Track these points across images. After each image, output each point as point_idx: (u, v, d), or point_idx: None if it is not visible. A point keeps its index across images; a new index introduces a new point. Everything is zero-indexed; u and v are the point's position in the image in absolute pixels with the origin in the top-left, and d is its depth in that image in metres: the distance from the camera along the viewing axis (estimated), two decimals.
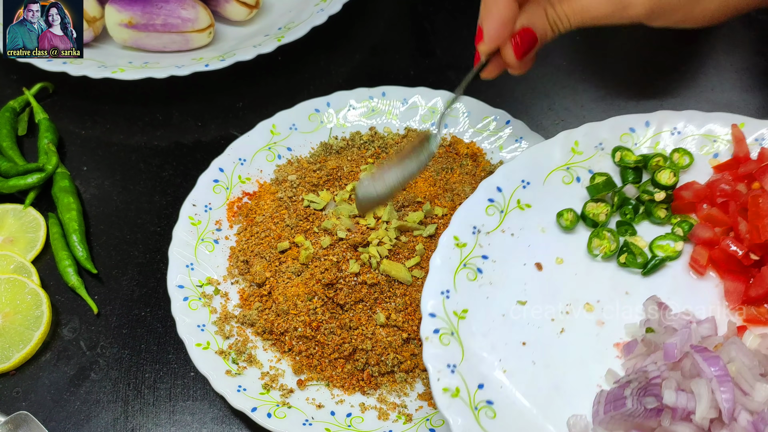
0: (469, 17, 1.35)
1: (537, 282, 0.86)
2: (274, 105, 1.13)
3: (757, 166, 0.87)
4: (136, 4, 1.21)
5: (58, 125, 1.19)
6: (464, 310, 0.82)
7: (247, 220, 1.03)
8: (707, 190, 0.89)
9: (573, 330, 0.83)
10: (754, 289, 0.82)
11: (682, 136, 0.94)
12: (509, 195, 0.90)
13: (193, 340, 0.90)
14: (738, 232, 0.84)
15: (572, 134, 0.94)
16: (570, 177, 0.92)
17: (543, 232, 0.89)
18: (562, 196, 0.91)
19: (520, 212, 0.90)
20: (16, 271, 1.02)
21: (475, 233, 0.87)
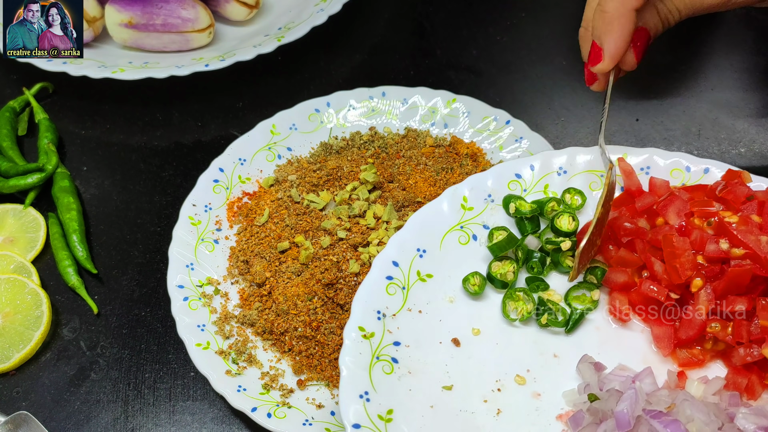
0: (468, 17, 1.35)
1: (458, 361, 0.80)
2: (274, 105, 1.13)
3: (655, 200, 0.84)
4: (136, 4, 1.21)
5: (58, 125, 1.19)
6: (389, 411, 0.74)
7: (247, 220, 1.03)
8: (609, 230, 0.85)
9: (510, 409, 0.77)
10: (683, 331, 0.78)
11: (568, 175, 0.89)
12: (407, 268, 0.83)
13: (193, 340, 0.90)
14: (654, 273, 0.80)
15: (458, 190, 0.87)
16: (466, 236, 0.87)
17: (451, 302, 0.83)
18: (463, 259, 0.85)
19: (422, 284, 0.83)
20: (16, 271, 1.02)
21: (380, 318, 0.79)
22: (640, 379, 0.76)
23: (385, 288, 0.80)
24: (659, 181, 0.86)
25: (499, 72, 1.27)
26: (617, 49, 0.82)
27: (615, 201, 0.86)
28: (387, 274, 0.81)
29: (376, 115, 1.13)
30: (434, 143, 1.09)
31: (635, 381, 0.76)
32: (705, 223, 0.80)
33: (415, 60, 1.29)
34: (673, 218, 0.82)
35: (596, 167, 0.89)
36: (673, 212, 0.82)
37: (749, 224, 0.78)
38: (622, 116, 1.18)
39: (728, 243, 0.78)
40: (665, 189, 0.86)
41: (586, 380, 0.78)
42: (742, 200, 0.82)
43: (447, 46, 1.31)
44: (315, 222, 0.99)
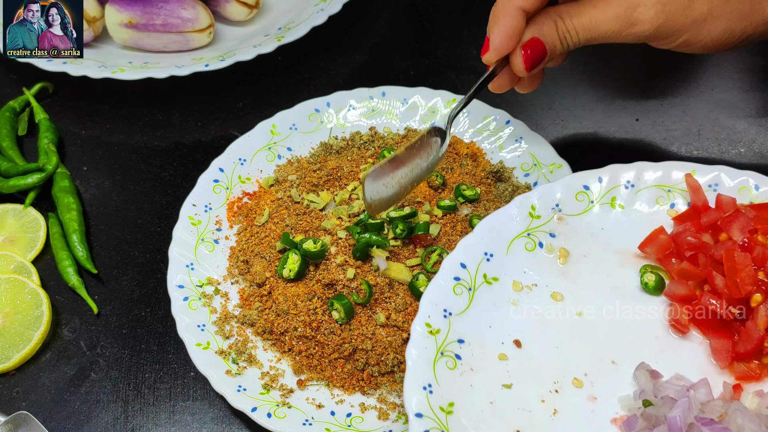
0: (469, 17, 1.35)
1: (518, 361, 0.82)
2: (274, 105, 1.13)
3: (720, 216, 0.85)
4: (136, 4, 1.21)
5: (58, 125, 1.19)
6: (450, 404, 0.77)
7: (247, 220, 1.03)
8: (672, 243, 0.87)
9: (566, 410, 0.79)
10: (741, 345, 0.79)
11: (636, 189, 0.91)
12: (474, 270, 0.85)
13: (193, 340, 0.90)
14: (714, 287, 0.81)
15: (527, 199, 0.90)
16: (532, 243, 0.89)
17: (515, 305, 0.85)
18: (528, 265, 0.88)
19: (488, 287, 0.85)
20: (16, 271, 1.02)
21: (446, 317, 0.82)
22: (695, 388, 0.77)
23: (452, 288, 0.83)
24: (726, 198, 0.88)
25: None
26: (500, 42, 0.86)
27: (681, 216, 0.89)
28: (455, 275, 0.84)
29: (376, 115, 1.13)
30: None
31: (690, 390, 0.77)
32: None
33: (415, 60, 1.29)
34: (736, 234, 0.83)
35: (664, 183, 0.91)
36: (737, 228, 0.83)
37: None
38: (622, 116, 1.18)
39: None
40: (731, 206, 0.87)
41: (642, 386, 0.79)
42: None
43: (447, 46, 1.31)
44: (315, 222, 0.99)
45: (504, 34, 0.86)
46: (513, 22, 0.86)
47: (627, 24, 0.87)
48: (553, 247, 0.89)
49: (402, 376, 0.89)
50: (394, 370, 0.90)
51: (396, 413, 0.87)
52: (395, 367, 0.90)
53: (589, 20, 0.87)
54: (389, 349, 0.89)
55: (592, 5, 0.88)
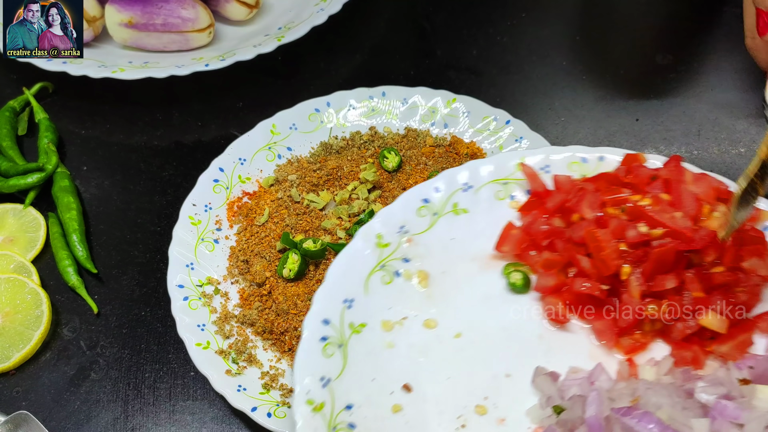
0: (469, 17, 1.35)
1: (415, 407, 0.76)
2: (274, 105, 1.13)
3: (565, 197, 0.84)
4: (136, 4, 1.21)
5: (58, 125, 1.19)
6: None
7: (247, 220, 1.03)
8: (526, 235, 0.85)
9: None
10: (622, 320, 0.79)
11: (474, 189, 0.88)
12: (339, 323, 0.78)
13: (193, 340, 0.90)
14: (582, 269, 0.80)
15: (371, 229, 0.84)
16: (389, 275, 0.83)
17: (392, 347, 0.80)
18: (392, 300, 0.82)
19: (358, 337, 0.79)
20: (16, 270, 1.02)
21: (326, 385, 0.75)
22: (595, 377, 0.76)
23: (322, 350, 0.76)
24: (562, 177, 0.87)
25: (499, 72, 1.27)
26: None
27: (526, 206, 0.87)
28: (321, 336, 0.77)
29: (376, 115, 1.13)
30: (434, 143, 1.09)
31: (593, 382, 0.76)
32: (619, 211, 0.81)
33: (415, 60, 1.29)
34: (587, 212, 0.82)
35: (498, 176, 0.88)
36: (587, 206, 0.82)
37: (661, 203, 0.79)
38: (622, 116, 1.18)
39: (646, 225, 0.78)
40: (570, 184, 0.86)
41: (546, 393, 0.77)
42: (647, 181, 0.83)
43: (447, 47, 1.31)
44: (315, 222, 0.99)
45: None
46: None
47: None
48: (411, 272, 0.84)
49: None
50: None
51: None
52: None
53: None
54: None
55: None
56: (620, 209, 0.81)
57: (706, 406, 0.72)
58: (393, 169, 1.05)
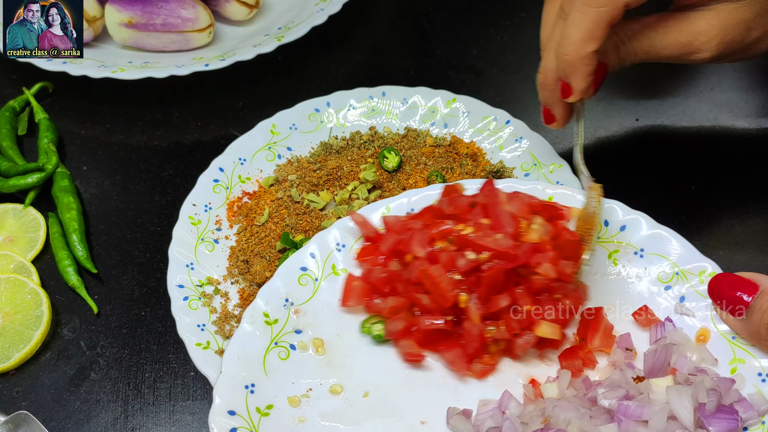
0: (469, 17, 1.35)
1: None
2: (274, 105, 1.13)
3: (395, 239, 0.86)
4: (136, 4, 1.21)
5: (58, 125, 1.19)
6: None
7: (247, 220, 1.03)
8: (366, 284, 0.86)
9: None
10: (469, 346, 0.81)
11: (348, 248, 0.88)
12: (245, 412, 0.77)
13: (193, 340, 0.90)
14: (423, 306, 0.82)
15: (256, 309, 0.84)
16: (285, 350, 0.82)
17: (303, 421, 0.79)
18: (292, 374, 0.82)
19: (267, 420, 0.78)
20: (16, 270, 1.02)
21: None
22: (505, 406, 0.79)
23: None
24: (391, 219, 0.89)
25: (499, 72, 1.27)
26: (585, 84, 0.89)
27: (362, 253, 0.88)
28: (230, 428, 0.75)
29: (376, 115, 1.13)
30: (434, 143, 1.09)
31: (504, 411, 0.78)
32: (447, 242, 0.83)
33: (415, 60, 1.29)
34: (418, 250, 0.84)
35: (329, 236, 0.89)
36: (417, 244, 0.84)
37: (482, 228, 0.83)
38: (622, 116, 1.18)
39: (473, 252, 0.81)
40: (400, 224, 0.88)
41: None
42: (467, 209, 0.86)
43: (447, 46, 1.31)
44: (315, 222, 0.99)
45: (588, 77, 0.88)
46: (592, 64, 0.87)
47: (687, 51, 0.89)
48: (305, 342, 0.83)
49: None
50: None
51: None
52: None
53: (649, 44, 0.90)
54: None
55: (652, 28, 0.90)
56: (448, 241, 0.84)
57: (610, 410, 0.75)
58: (393, 169, 1.05)
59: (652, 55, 0.90)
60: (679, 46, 0.89)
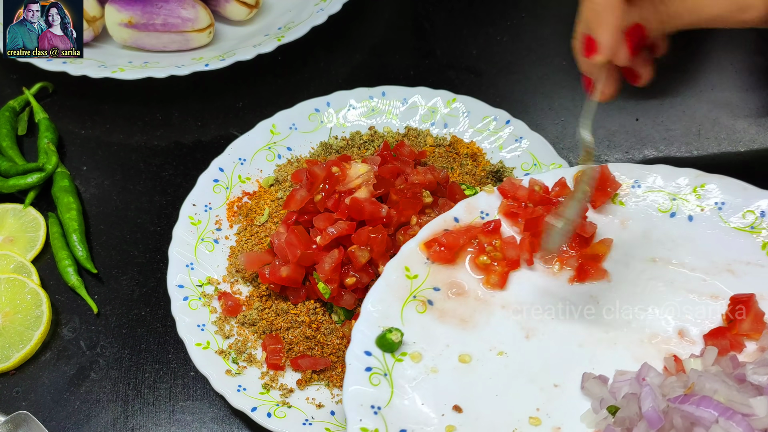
0: (469, 17, 1.35)
1: (468, 426, 0.77)
2: (274, 105, 1.13)
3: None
4: (136, 4, 1.21)
5: (58, 125, 1.19)
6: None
7: (247, 220, 1.03)
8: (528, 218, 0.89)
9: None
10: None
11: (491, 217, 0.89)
12: (380, 353, 0.80)
13: (193, 340, 0.90)
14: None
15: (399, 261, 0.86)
16: (423, 305, 0.84)
17: (435, 372, 0.81)
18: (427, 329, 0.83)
19: (401, 365, 0.80)
20: (16, 270, 1.02)
21: (377, 413, 0.76)
22: (644, 375, 0.77)
23: (368, 380, 0.78)
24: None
25: (499, 72, 1.27)
26: (612, 39, 0.79)
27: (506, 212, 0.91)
28: (365, 366, 0.79)
29: (376, 115, 1.13)
30: (434, 143, 1.09)
31: (643, 379, 0.76)
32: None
33: (415, 60, 1.29)
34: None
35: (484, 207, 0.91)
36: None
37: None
38: (622, 116, 1.18)
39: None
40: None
41: (598, 396, 0.78)
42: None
43: (447, 46, 1.31)
44: None
45: (615, 30, 0.79)
46: (622, 16, 0.79)
47: (736, 8, 0.80)
48: (443, 299, 0.85)
49: None
50: None
51: None
52: None
53: (693, 3, 0.81)
54: None
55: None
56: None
57: (760, 387, 0.72)
58: None
59: (698, 16, 0.81)
60: (727, 3, 0.80)
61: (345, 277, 0.90)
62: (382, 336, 0.80)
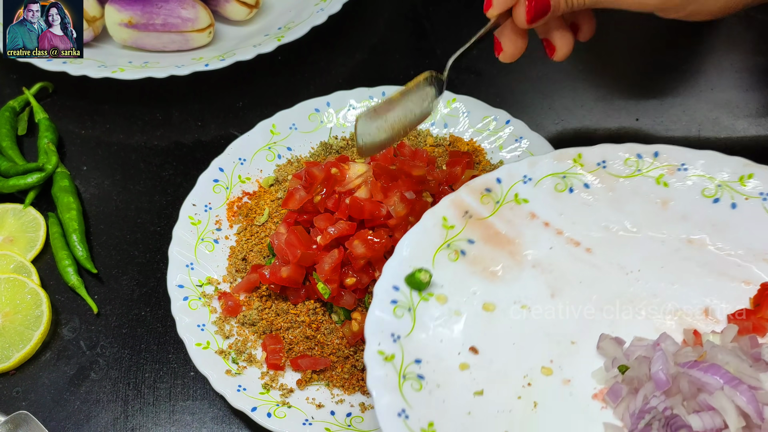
0: (469, 17, 1.35)
1: (481, 367, 0.81)
2: (274, 105, 1.13)
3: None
4: (136, 4, 1.21)
5: (58, 125, 1.19)
6: (430, 424, 0.75)
7: (247, 220, 1.03)
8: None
9: (545, 399, 0.79)
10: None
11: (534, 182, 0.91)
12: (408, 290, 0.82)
13: (193, 340, 0.90)
14: None
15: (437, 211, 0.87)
16: (455, 254, 0.86)
17: (458, 315, 0.83)
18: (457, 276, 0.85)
19: (425, 304, 0.82)
20: (16, 270, 1.02)
21: (396, 341, 0.79)
22: (661, 342, 0.79)
23: (392, 311, 0.80)
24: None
25: (499, 72, 1.27)
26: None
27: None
28: (391, 299, 0.81)
29: None
30: (434, 143, 1.09)
31: (659, 344, 0.79)
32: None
33: (415, 60, 1.29)
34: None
35: (558, 170, 0.91)
36: None
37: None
38: (622, 116, 1.18)
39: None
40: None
41: (611, 355, 0.80)
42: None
43: (447, 46, 1.31)
44: None
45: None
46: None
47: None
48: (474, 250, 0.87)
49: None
50: None
51: None
52: None
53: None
54: None
55: None
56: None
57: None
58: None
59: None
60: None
61: (345, 278, 0.90)
62: (412, 275, 0.82)
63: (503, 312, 0.85)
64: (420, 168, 0.94)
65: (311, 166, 0.96)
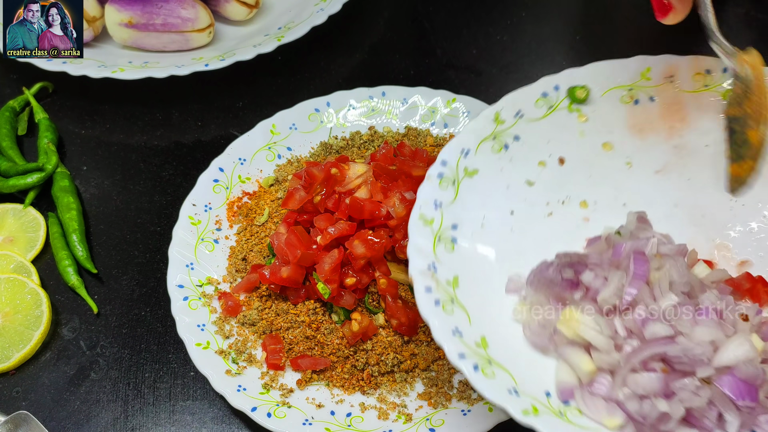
0: (469, 17, 1.35)
1: (552, 171, 0.91)
2: (274, 105, 1.13)
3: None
4: (136, 4, 1.21)
5: (58, 125, 1.19)
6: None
7: (247, 220, 1.03)
8: None
9: (559, 217, 0.90)
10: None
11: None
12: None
13: (193, 340, 0.91)
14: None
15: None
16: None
17: (582, 136, 0.92)
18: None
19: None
20: (16, 270, 1.02)
21: (516, 116, 0.90)
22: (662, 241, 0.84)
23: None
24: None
25: (499, 72, 1.27)
26: None
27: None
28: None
29: (376, 115, 1.13)
30: (434, 143, 1.09)
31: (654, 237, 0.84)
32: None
33: (415, 60, 1.29)
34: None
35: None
36: None
37: None
38: None
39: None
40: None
41: (627, 224, 0.87)
42: None
43: (447, 46, 1.31)
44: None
45: None
46: None
47: None
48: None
49: (402, 376, 0.90)
50: (394, 370, 0.90)
51: (396, 413, 0.87)
52: (395, 367, 0.90)
53: None
54: (389, 349, 0.90)
55: None
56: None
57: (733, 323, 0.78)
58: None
59: None
60: None
61: (345, 278, 0.90)
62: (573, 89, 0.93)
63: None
64: (420, 168, 0.94)
65: (311, 166, 0.96)
